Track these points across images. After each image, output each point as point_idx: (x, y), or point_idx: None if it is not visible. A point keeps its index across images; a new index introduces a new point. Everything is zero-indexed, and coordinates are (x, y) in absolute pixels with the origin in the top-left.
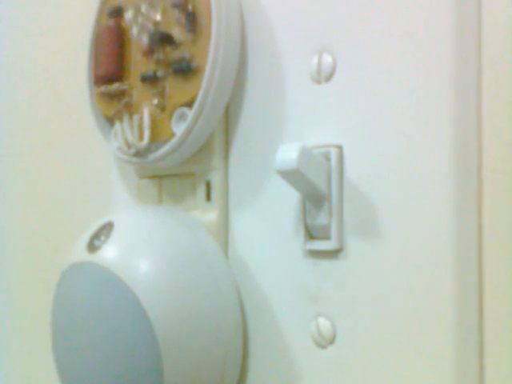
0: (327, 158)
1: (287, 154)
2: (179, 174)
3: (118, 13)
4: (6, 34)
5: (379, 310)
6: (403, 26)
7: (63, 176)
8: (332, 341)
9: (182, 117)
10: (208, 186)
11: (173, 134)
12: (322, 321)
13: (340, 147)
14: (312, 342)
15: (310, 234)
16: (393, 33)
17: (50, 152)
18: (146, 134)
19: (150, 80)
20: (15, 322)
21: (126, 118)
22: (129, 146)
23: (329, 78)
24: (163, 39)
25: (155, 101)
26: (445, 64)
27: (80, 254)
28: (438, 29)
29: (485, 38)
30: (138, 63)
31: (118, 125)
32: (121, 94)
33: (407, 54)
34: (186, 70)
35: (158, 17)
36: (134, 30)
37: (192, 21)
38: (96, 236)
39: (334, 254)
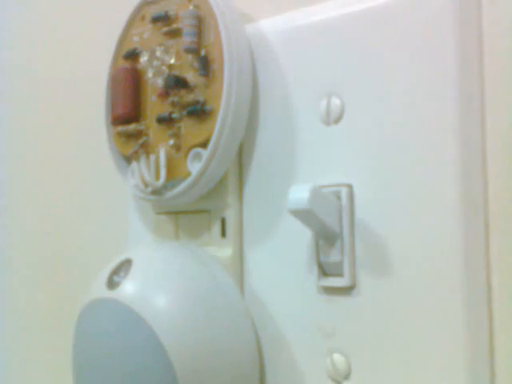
0: (338, 196)
1: (299, 195)
2: (195, 210)
3: (133, 56)
4: (25, 78)
5: (393, 345)
6: (409, 69)
7: (82, 212)
8: (347, 376)
9: (197, 157)
10: (223, 222)
11: (188, 173)
12: (336, 356)
13: (350, 186)
14: (327, 377)
15: (324, 271)
16: (399, 75)
17: (69, 189)
18: (163, 173)
19: (165, 121)
20: (34, 357)
21: (142, 158)
22: (146, 184)
23: (338, 119)
24: (177, 83)
25: (171, 141)
26: (451, 106)
27: (100, 290)
28: (444, 72)
29: (487, 83)
30: (154, 105)
31: (135, 164)
32: (137, 134)
33: (413, 95)
34: (200, 113)
35: (173, 61)
36: (150, 73)
37: (205, 65)
38: (115, 272)
39: (347, 290)
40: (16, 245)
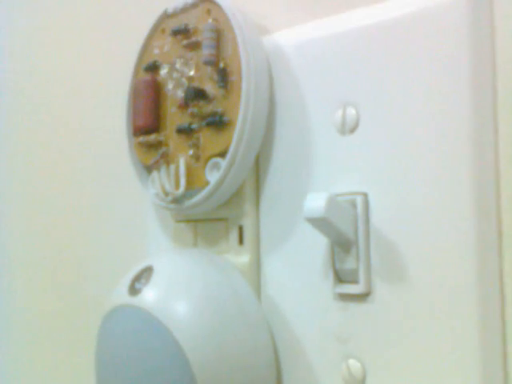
0: (353, 205)
1: (315, 203)
2: (213, 218)
3: (154, 68)
4: (48, 89)
5: (408, 351)
6: (423, 79)
7: (104, 220)
8: (362, 382)
9: (216, 166)
10: (240, 230)
11: (207, 183)
12: (352, 362)
13: (365, 194)
14: (343, 382)
15: (339, 278)
16: (413, 85)
17: (91, 198)
18: (182, 182)
19: (184, 132)
20: (59, 365)
21: (163, 167)
22: (166, 193)
23: (353, 129)
24: (197, 94)
25: (190, 151)
26: (465, 116)
27: (122, 296)
28: (458, 82)
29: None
30: (174, 116)
31: (155, 173)
32: (158, 145)
33: (427, 105)
34: (218, 123)
35: (192, 73)
36: (170, 85)
37: (223, 77)
38: (137, 279)
39: (362, 297)
40: (37, 253)
